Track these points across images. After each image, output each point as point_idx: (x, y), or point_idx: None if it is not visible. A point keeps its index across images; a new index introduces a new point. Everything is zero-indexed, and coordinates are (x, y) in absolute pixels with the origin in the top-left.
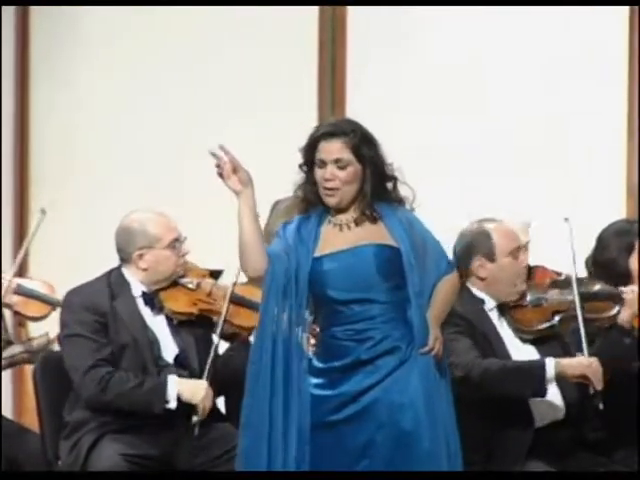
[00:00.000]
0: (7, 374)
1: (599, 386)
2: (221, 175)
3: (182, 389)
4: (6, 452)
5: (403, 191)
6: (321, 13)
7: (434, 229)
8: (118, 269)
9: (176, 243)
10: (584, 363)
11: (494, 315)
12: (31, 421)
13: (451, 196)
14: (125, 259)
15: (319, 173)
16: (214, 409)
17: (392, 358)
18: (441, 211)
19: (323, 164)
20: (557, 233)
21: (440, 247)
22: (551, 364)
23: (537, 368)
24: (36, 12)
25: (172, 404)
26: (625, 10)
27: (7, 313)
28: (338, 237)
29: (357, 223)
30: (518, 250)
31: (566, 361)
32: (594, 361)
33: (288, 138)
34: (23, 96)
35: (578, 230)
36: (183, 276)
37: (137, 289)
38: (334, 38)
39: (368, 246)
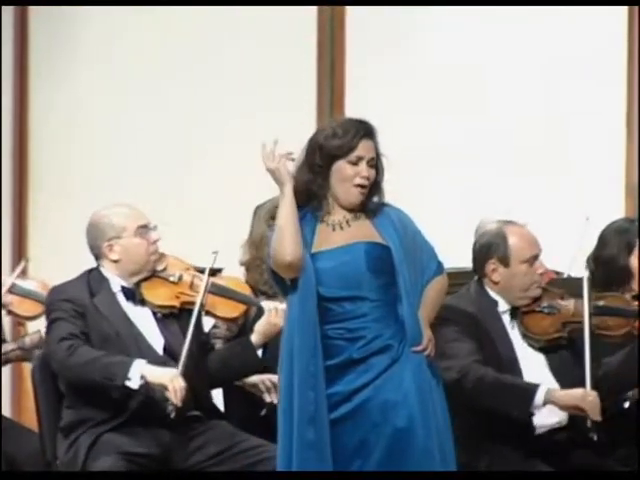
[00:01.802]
0: (6, 373)
1: (596, 417)
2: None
3: (147, 371)
4: (5, 451)
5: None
6: (320, 13)
7: (432, 228)
8: (97, 268)
9: (142, 230)
10: (577, 396)
11: (506, 318)
12: (30, 420)
13: (450, 196)
14: (98, 255)
15: (352, 170)
16: (212, 407)
17: (384, 357)
18: (440, 211)
19: (359, 161)
20: (556, 232)
21: (430, 248)
22: (542, 392)
23: (528, 391)
24: (35, 12)
25: (133, 382)
26: (624, 10)
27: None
28: (331, 236)
29: (349, 223)
30: (535, 258)
31: (560, 392)
32: (591, 393)
33: (287, 138)
34: (22, 96)
35: (577, 229)
36: (165, 269)
37: (116, 284)
38: (333, 38)
39: (359, 244)
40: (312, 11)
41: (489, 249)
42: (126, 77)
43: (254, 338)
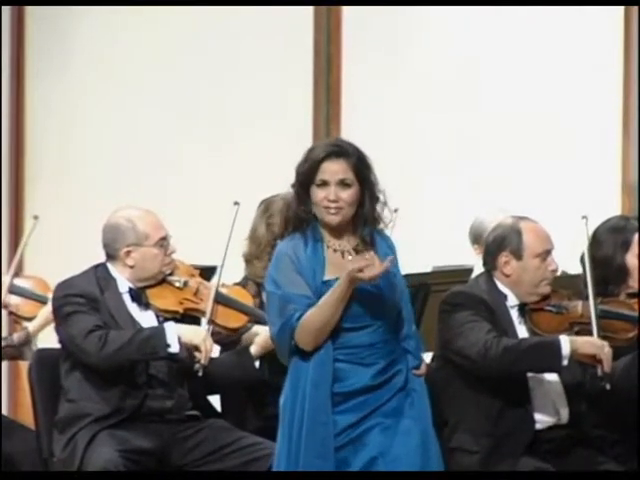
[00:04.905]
0: (3, 371)
1: (608, 368)
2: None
3: (181, 332)
4: (2, 449)
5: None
6: (316, 13)
7: (428, 226)
8: (104, 265)
9: (163, 242)
10: (597, 344)
11: (514, 313)
12: (26, 417)
13: (447, 195)
14: (112, 256)
15: (320, 194)
16: (209, 406)
17: (395, 381)
18: (436, 210)
19: (325, 184)
20: (553, 231)
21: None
22: (565, 341)
23: (554, 344)
24: (32, 12)
25: (174, 347)
26: (621, 9)
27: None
28: (342, 264)
29: (357, 251)
30: (548, 253)
31: (581, 340)
32: (606, 345)
33: (284, 138)
34: (19, 94)
35: (575, 228)
36: (171, 274)
37: (123, 285)
38: (329, 37)
39: None
40: (309, 11)
41: (502, 241)
42: (123, 75)
43: (253, 349)
